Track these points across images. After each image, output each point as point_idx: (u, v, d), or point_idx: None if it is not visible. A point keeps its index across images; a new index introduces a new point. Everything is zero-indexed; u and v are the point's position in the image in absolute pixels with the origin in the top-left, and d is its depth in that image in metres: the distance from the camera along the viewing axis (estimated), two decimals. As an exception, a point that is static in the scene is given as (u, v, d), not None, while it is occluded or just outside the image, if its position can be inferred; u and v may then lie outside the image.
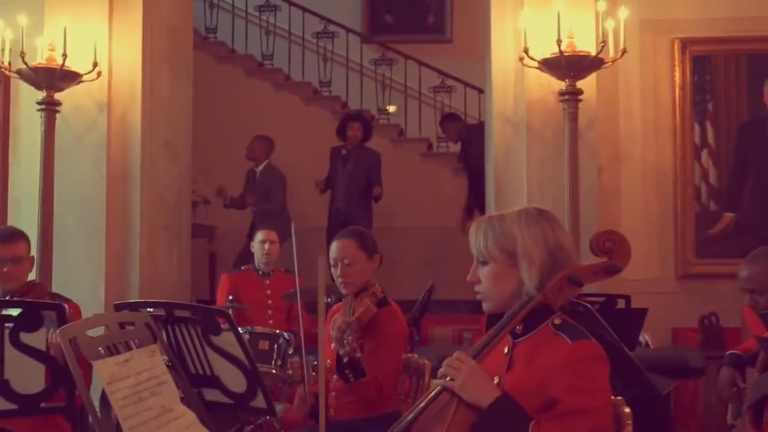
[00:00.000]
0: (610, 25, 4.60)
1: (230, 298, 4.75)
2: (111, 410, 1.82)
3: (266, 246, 5.04)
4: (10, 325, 2.51)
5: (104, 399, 1.82)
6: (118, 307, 2.40)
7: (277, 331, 4.21)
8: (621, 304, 3.41)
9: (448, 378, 1.86)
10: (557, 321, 1.90)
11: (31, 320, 2.47)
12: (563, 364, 1.82)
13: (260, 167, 7.04)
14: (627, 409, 1.92)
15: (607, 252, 1.92)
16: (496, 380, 1.88)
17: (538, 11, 4.72)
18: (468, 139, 7.03)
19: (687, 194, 5.09)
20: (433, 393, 1.86)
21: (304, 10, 8.98)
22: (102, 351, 1.87)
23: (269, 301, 4.95)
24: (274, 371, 4.02)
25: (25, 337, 2.47)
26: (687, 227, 5.07)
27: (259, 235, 5.11)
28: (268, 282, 5.03)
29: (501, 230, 1.93)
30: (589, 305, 2.83)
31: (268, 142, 7.10)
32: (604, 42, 4.57)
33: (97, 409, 1.81)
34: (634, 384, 2.73)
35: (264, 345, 4.04)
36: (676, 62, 5.11)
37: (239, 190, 7.25)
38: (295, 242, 2.97)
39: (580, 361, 1.82)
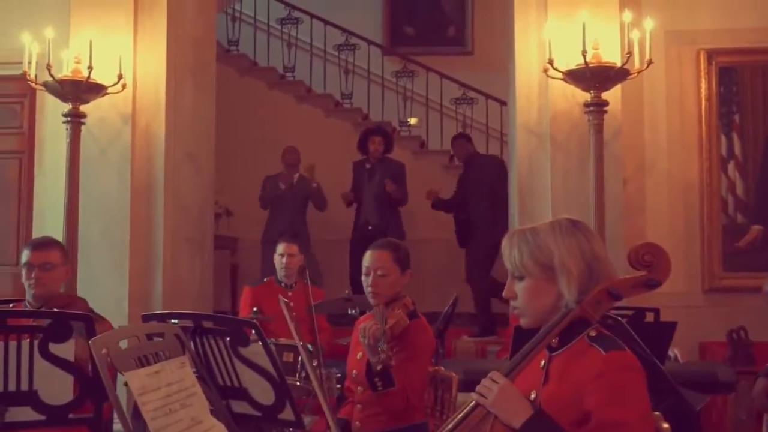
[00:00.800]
0: (635, 35, 4.57)
1: (255, 309, 4.74)
2: (142, 422, 1.81)
3: (284, 260, 5.01)
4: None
5: (136, 411, 1.82)
6: (146, 318, 2.40)
7: (302, 343, 4.18)
8: (650, 317, 3.38)
9: (480, 397, 1.83)
10: (593, 333, 1.86)
11: (60, 331, 2.47)
12: (596, 375, 1.77)
13: (296, 176, 7.05)
14: (665, 425, 1.88)
15: (646, 265, 1.88)
16: (533, 395, 1.85)
17: (562, 22, 4.71)
18: (470, 165, 7.03)
19: (714, 206, 5.04)
20: (468, 408, 1.83)
21: (326, 22, 9.02)
22: (134, 362, 1.87)
23: (293, 313, 4.92)
24: (298, 383, 4.02)
25: (54, 348, 2.47)
26: (714, 240, 5.02)
27: (279, 248, 5.09)
28: (290, 294, 5.00)
29: (535, 244, 1.89)
30: (619, 318, 2.79)
31: (298, 152, 7.14)
32: (630, 53, 4.54)
33: (129, 421, 1.81)
34: (665, 398, 2.69)
35: (288, 357, 4.05)
36: (702, 73, 5.07)
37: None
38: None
39: (614, 372, 1.77)
